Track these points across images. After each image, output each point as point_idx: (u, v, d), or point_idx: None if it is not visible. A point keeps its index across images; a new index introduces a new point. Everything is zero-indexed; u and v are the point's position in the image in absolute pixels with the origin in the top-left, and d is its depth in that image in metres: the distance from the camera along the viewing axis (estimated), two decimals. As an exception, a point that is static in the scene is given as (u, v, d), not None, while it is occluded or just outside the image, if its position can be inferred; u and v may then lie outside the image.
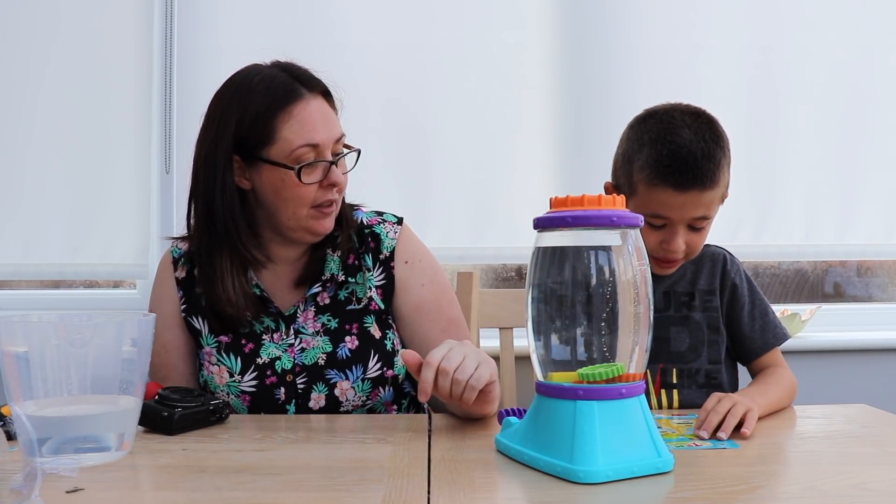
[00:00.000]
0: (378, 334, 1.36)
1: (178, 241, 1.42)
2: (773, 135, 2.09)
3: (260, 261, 1.34)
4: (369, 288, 1.37)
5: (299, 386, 1.33)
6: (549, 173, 2.08)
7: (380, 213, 1.45)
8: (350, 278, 1.38)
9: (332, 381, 1.33)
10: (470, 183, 2.07)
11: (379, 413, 1.37)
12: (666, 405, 1.38)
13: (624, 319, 0.95)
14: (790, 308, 2.14)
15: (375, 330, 1.36)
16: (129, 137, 2.04)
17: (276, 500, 0.86)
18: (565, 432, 0.92)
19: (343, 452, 1.05)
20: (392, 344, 1.36)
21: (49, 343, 0.95)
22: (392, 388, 1.36)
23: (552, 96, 2.08)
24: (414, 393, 1.41)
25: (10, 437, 1.02)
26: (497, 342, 1.71)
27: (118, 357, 0.99)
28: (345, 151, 1.33)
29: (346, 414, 1.33)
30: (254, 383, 1.33)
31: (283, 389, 1.32)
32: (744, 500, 0.87)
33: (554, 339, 0.98)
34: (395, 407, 1.39)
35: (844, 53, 2.10)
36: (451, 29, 2.06)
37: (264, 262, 1.35)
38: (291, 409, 1.33)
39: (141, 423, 1.07)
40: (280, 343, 1.35)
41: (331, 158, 1.29)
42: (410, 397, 1.42)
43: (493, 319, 1.70)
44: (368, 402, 1.34)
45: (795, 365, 1.45)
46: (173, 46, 2.03)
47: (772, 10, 2.09)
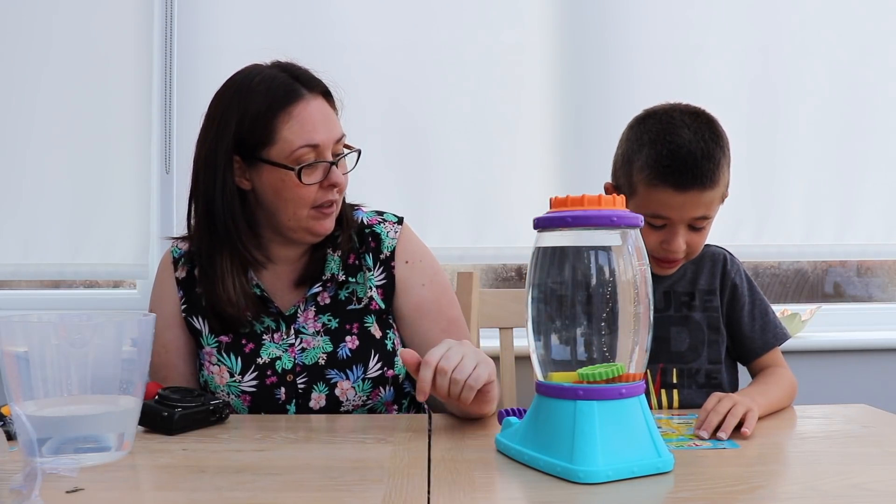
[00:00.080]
0: (378, 334, 1.36)
1: (178, 241, 1.42)
2: (773, 135, 2.09)
3: (260, 261, 1.34)
4: (370, 288, 1.37)
5: (300, 386, 1.33)
6: (549, 173, 2.08)
7: (380, 213, 1.45)
8: (350, 278, 1.38)
9: (332, 380, 1.33)
10: (470, 183, 2.07)
11: (379, 413, 1.37)
12: (666, 405, 1.38)
13: (624, 319, 0.95)
14: (790, 308, 2.14)
15: (376, 330, 1.36)
16: (129, 137, 2.04)
17: (276, 500, 0.86)
18: (565, 432, 0.92)
19: (343, 452, 1.05)
20: (392, 344, 1.36)
21: (49, 343, 0.95)
22: (392, 388, 1.36)
23: (552, 96, 2.08)
24: (414, 392, 1.41)
25: (10, 437, 1.02)
26: (497, 342, 1.71)
27: (118, 357, 0.99)
28: (345, 152, 1.33)
29: (347, 414, 1.33)
30: (254, 383, 1.33)
31: (283, 389, 1.32)
32: (744, 500, 0.87)
33: (554, 339, 0.98)
34: (396, 407, 1.39)
35: (844, 53, 2.10)
36: (451, 29, 2.06)
37: (264, 262, 1.35)
38: (292, 408, 1.33)
39: (141, 423, 1.07)
40: (280, 343, 1.34)
41: (331, 159, 1.29)
42: (411, 397, 1.42)
43: (493, 319, 1.70)
44: (369, 401, 1.34)
45: (795, 365, 1.45)
46: (173, 46, 2.03)
47: (772, 10, 2.09)
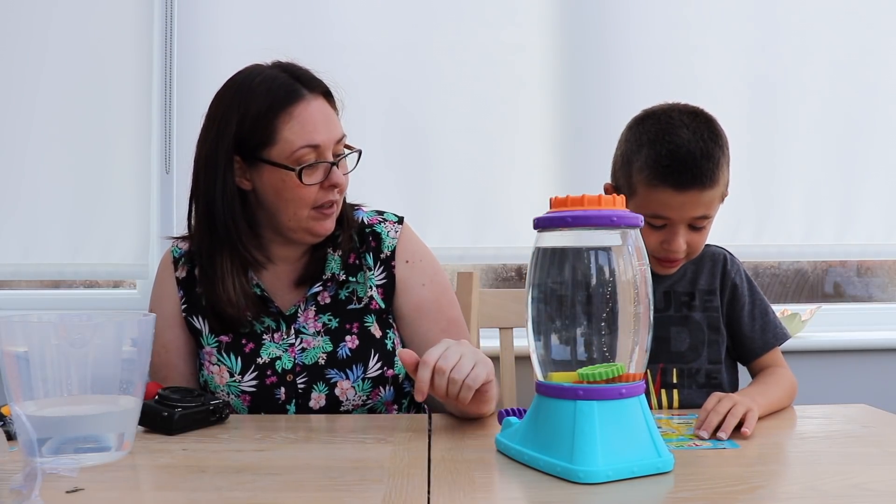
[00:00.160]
0: (378, 334, 1.36)
1: (178, 240, 1.42)
2: (772, 135, 2.09)
3: (260, 261, 1.34)
4: (370, 287, 1.37)
5: (299, 386, 1.33)
6: (549, 173, 2.08)
7: (380, 213, 1.45)
8: (351, 277, 1.38)
9: (332, 380, 1.33)
10: (470, 183, 2.07)
11: (379, 413, 1.37)
12: (666, 405, 1.38)
13: (624, 319, 0.95)
14: (790, 308, 2.14)
15: (376, 329, 1.36)
16: (129, 137, 2.04)
17: (276, 500, 0.86)
18: (565, 432, 0.92)
19: (343, 452, 1.05)
20: (392, 343, 1.36)
21: (49, 343, 0.95)
22: (392, 388, 1.36)
23: (552, 96, 2.08)
24: (413, 392, 1.41)
25: (10, 437, 1.02)
26: (497, 342, 1.71)
27: (118, 357, 0.99)
28: (346, 152, 1.33)
29: (347, 413, 1.33)
30: (254, 383, 1.33)
31: (283, 389, 1.32)
32: (744, 500, 0.87)
33: (554, 339, 0.98)
34: (396, 406, 1.39)
35: (844, 53, 2.10)
36: (451, 29, 2.06)
37: (265, 262, 1.34)
38: (291, 408, 1.33)
39: (141, 423, 1.07)
40: (280, 343, 1.34)
41: (332, 159, 1.29)
42: (410, 397, 1.42)
43: (493, 319, 1.70)
44: (369, 401, 1.34)
45: (795, 365, 1.45)
46: (173, 46, 2.03)
47: (771, 10, 2.09)
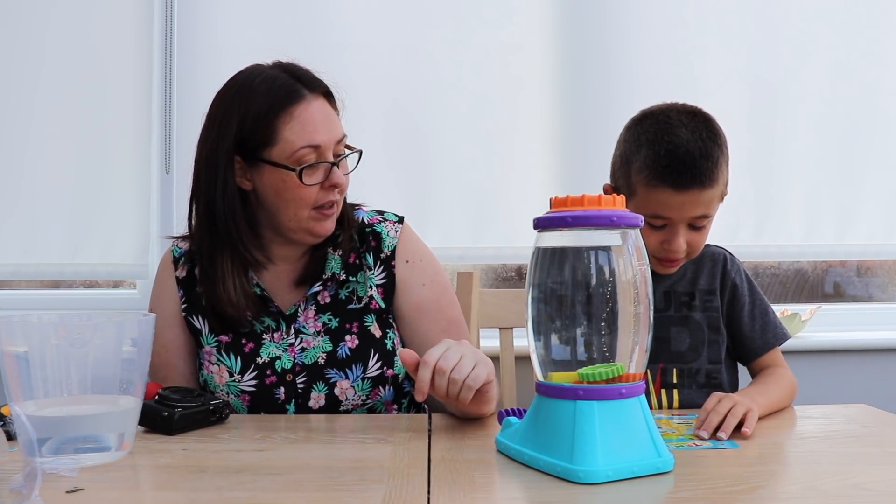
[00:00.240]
0: (378, 333, 1.36)
1: (178, 240, 1.42)
2: (772, 135, 2.09)
3: (261, 262, 1.34)
4: (370, 287, 1.37)
5: (299, 385, 1.33)
6: (549, 173, 2.08)
7: (381, 213, 1.45)
8: (351, 277, 1.38)
9: (331, 380, 1.33)
10: (470, 183, 2.07)
11: (379, 412, 1.37)
12: (666, 405, 1.38)
13: (624, 319, 0.95)
14: (790, 308, 2.14)
15: (376, 329, 1.36)
16: (129, 137, 2.04)
17: (276, 500, 0.86)
18: (565, 432, 0.92)
19: (343, 452, 1.05)
20: (392, 343, 1.36)
21: (49, 343, 0.95)
22: (392, 388, 1.36)
23: (551, 96, 2.08)
24: (414, 392, 1.41)
25: (10, 437, 1.02)
26: (497, 342, 1.71)
27: (118, 357, 0.99)
28: (346, 152, 1.33)
29: (346, 413, 1.33)
30: (253, 383, 1.33)
31: (282, 389, 1.32)
32: (744, 500, 0.87)
33: (554, 339, 0.98)
34: (396, 406, 1.39)
35: (844, 53, 2.10)
36: (451, 29, 2.06)
37: (265, 262, 1.34)
38: (291, 408, 1.33)
39: (141, 423, 1.07)
40: (280, 342, 1.34)
41: (332, 159, 1.29)
42: (410, 397, 1.42)
43: (493, 319, 1.70)
44: (368, 401, 1.34)
45: (795, 365, 1.45)
46: (173, 46, 2.03)
47: (771, 10, 2.09)
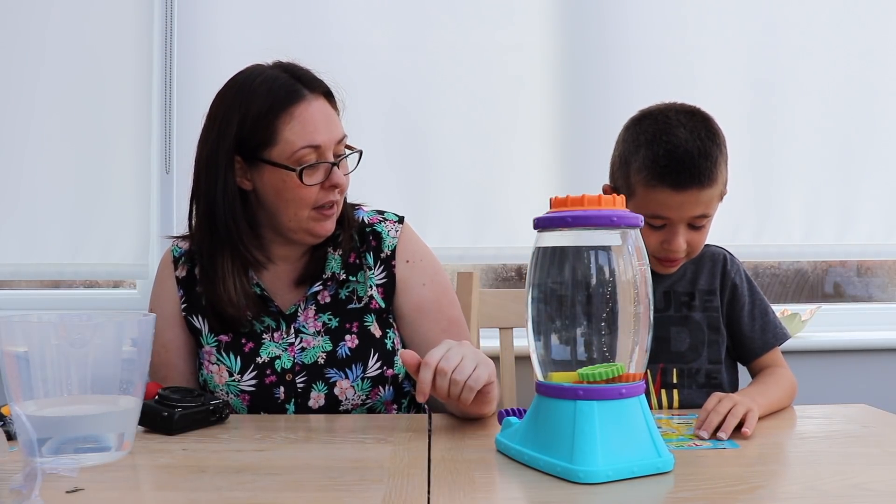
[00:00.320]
0: (378, 333, 1.36)
1: (178, 240, 1.42)
2: (772, 135, 2.09)
3: (261, 261, 1.34)
4: (370, 286, 1.37)
5: (299, 385, 1.33)
6: (549, 173, 2.08)
7: (381, 212, 1.45)
8: (351, 277, 1.38)
9: (331, 379, 1.33)
10: (470, 183, 2.07)
11: (379, 412, 1.37)
12: (666, 405, 1.38)
13: (624, 319, 0.95)
14: (790, 308, 2.14)
15: (376, 329, 1.36)
16: (129, 137, 2.04)
17: (276, 500, 0.86)
18: (565, 432, 0.92)
19: (343, 452, 1.05)
20: (392, 343, 1.36)
21: (49, 343, 0.95)
22: (392, 388, 1.36)
23: (551, 96, 2.08)
24: (414, 392, 1.41)
25: (10, 437, 1.02)
26: (497, 342, 1.71)
27: (118, 357, 0.99)
28: (346, 152, 1.33)
29: (346, 413, 1.33)
30: (253, 382, 1.32)
31: (282, 389, 1.32)
32: (744, 500, 0.87)
33: (554, 339, 0.98)
34: (395, 406, 1.39)
35: (844, 53, 2.10)
36: (450, 29, 2.06)
37: (265, 262, 1.35)
38: (291, 408, 1.33)
39: (141, 423, 1.07)
40: (280, 342, 1.34)
41: (332, 160, 1.29)
42: (410, 397, 1.42)
43: (493, 319, 1.70)
44: (368, 401, 1.34)
45: (795, 365, 1.45)
46: (173, 46, 2.03)
47: (771, 10, 2.09)
